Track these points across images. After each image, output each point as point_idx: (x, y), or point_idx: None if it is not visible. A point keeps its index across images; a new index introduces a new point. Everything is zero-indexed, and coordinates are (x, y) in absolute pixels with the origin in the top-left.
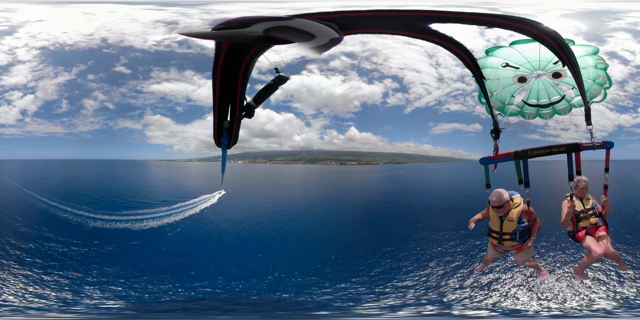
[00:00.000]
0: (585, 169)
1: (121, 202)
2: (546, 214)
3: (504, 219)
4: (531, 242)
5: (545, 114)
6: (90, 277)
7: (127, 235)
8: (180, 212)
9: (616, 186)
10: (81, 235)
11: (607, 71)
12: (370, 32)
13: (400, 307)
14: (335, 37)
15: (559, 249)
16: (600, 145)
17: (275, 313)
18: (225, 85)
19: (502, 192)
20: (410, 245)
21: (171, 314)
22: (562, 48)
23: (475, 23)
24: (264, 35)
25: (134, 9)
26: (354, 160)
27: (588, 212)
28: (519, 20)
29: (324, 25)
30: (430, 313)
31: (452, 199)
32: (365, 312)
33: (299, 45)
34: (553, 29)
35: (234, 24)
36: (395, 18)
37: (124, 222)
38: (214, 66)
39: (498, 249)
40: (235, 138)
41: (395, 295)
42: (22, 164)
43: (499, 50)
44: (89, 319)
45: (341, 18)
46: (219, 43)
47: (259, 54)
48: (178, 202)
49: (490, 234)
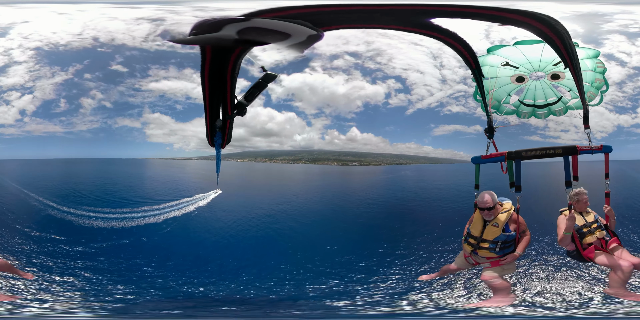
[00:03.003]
0: (583, 172)
1: (116, 200)
2: (536, 224)
3: (488, 223)
4: (515, 258)
5: (541, 114)
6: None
7: (118, 234)
8: (176, 209)
9: (617, 186)
10: (71, 233)
11: (604, 75)
12: (353, 27)
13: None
14: (311, 33)
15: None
16: (598, 148)
17: (274, 313)
18: (214, 86)
19: (492, 193)
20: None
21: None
22: (569, 51)
23: (484, 18)
24: (239, 37)
25: (102, 7)
26: (356, 160)
27: (592, 226)
28: (535, 16)
29: (293, 24)
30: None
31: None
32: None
33: (277, 45)
34: (566, 30)
35: (205, 28)
36: (381, 12)
37: (117, 220)
38: (202, 69)
39: (469, 259)
40: (229, 137)
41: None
42: (21, 164)
43: (501, 49)
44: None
45: (317, 13)
46: (202, 47)
47: (244, 54)
48: (174, 200)
49: (467, 239)
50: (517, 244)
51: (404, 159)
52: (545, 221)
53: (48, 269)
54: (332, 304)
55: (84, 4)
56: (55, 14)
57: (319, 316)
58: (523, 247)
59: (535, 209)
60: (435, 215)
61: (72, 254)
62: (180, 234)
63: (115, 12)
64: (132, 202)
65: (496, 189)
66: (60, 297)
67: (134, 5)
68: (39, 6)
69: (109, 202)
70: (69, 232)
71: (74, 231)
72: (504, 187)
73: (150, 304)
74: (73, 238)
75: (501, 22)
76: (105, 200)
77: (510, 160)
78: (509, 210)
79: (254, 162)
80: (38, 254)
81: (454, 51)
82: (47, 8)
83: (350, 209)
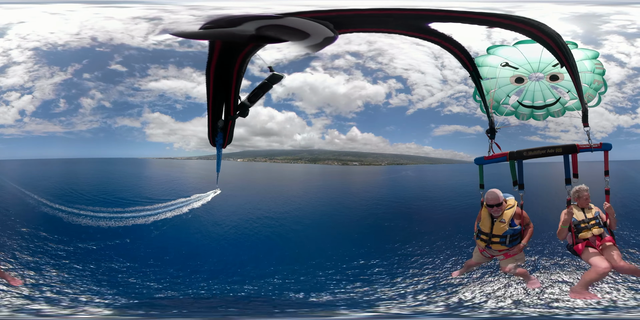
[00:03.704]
0: (584, 171)
1: (113, 200)
2: (539, 219)
3: (495, 220)
4: (521, 248)
5: (539, 115)
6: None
7: (114, 233)
8: (174, 209)
9: (618, 186)
10: (67, 232)
11: (603, 76)
12: (367, 30)
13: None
14: (329, 35)
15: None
16: (597, 146)
17: (275, 312)
18: (219, 85)
19: (498, 191)
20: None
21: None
22: (562, 50)
23: (477, 22)
24: (256, 34)
25: (87, 7)
26: (356, 160)
27: (590, 222)
28: (522, 20)
29: (317, 24)
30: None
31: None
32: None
33: (292, 44)
34: (555, 31)
35: (222, 23)
36: (393, 17)
37: (116, 219)
38: (207, 66)
39: (485, 253)
40: (230, 137)
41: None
42: (21, 164)
43: (501, 49)
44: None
45: (336, 16)
46: (212, 42)
47: (252, 53)
48: (173, 200)
49: (479, 235)
50: (522, 235)
51: (404, 159)
52: (547, 218)
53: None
54: (338, 301)
55: (73, 3)
56: (47, 14)
57: (320, 316)
58: (527, 238)
59: (538, 206)
60: (445, 213)
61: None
62: (179, 233)
63: (108, 11)
64: (129, 202)
65: (499, 188)
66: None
67: (122, 5)
68: (29, 6)
69: (105, 201)
70: (58, 230)
71: (64, 229)
72: (507, 186)
73: (151, 304)
74: (61, 236)
75: (493, 26)
76: (102, 199)
77: (512, 160)
78: (513, 206)
79: (254, 162)
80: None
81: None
82: (37, 8)
83: (356, 209)
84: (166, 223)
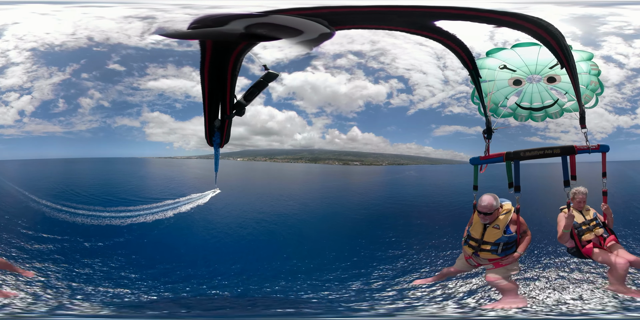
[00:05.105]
0: (585, 172)
1: (113, 200)
2: (535, 225)
3: (488, 226)
4: (516, 258)
5: (537, 117)
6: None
7: (114, 232)
8: (172, 209)
9: (618, 186)
10: (67, 232)
11: (599, 78)
12: (365, 27)
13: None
14: (325, 32)
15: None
16: (595, 148)
17: (273, 312)
18: (214, 85)
19: (494, 197)
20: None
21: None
22: (564, 52)
23: (481, 20)
24: (246, 32)
25: (68, 7)
26: (357, 160)
27: (591, 223)
28: (531, 20)
29: (308, 21)
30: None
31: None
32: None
33: (286, 42)
34: (560, 32)
35: (208, 22)
36: (396, 14)
37: (115, 218)
38: (201, 66)
39: (470, 261)
40: (227, 137)
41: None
42: (21, 164)
43: (500, 52)
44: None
45: (329, 14)
46: (202, 42)
47: (246, 52)
48: (171, 199)
49: (467, 241)
50: (518, 245)
51: (405, 160)
52: (544, 221)
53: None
54: (334, 300)
55: (55, 4)
56: (37, 15)
57: (320, 316)
58: (524, 247)
59: (535, 209)
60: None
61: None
62: (179, 233)
63: (94, 11)
64: (129, 202)
65: (495, 189)
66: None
67: (103, 4)
68: (14, 7)
69: (105, 201)
70: (58, 230)
71: (65, 229)
72: (503, 187)
73: (151, 305)
74: (61, 236)
75: (498, 24)
76: (102, 200)
77: (509, 160)
78: (509, 211)
79: (254, 161)
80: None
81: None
82: (23, 9)
83: (360, 209)
84: (166, 223)
